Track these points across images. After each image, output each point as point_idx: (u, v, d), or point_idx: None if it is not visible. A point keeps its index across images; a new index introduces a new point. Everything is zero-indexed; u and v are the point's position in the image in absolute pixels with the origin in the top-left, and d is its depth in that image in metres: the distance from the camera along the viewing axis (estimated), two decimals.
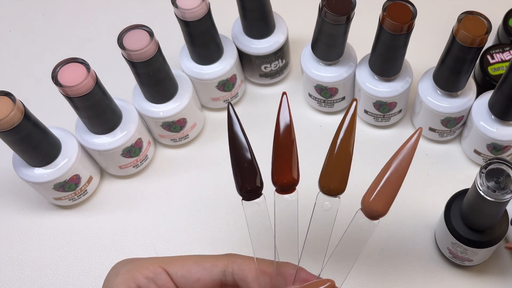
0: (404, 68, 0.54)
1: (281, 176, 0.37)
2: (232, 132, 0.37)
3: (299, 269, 0.38)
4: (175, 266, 0.37)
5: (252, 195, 0.37)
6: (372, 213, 0.36)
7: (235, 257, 0.39)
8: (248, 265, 0.38)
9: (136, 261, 0.38)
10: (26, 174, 0.51)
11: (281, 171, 0.37)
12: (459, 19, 0.46)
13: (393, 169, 0.36)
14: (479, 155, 0.54)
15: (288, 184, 0.37)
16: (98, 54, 0.66)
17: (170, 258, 0.38)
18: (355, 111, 0.37)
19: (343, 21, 0.49)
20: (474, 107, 0.53)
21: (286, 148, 0.37)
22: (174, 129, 0.57)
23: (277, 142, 0.37)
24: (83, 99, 0.47)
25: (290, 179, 0.37)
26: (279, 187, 0.37)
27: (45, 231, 0.56)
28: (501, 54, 0.56)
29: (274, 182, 0.37)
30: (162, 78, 0.52)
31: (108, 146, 0.53)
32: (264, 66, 0.59)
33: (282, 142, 0.37)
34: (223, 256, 0.39)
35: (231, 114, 0.37)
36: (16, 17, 0.72)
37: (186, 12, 0.50)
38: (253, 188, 0.37)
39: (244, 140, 0.37)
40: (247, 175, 0.37)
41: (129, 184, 0.58)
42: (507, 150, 0.53)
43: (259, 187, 0.37)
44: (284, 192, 0.38)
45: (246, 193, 0.37)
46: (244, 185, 0.37)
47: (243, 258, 0.39)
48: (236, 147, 0.37)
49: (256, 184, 0.37)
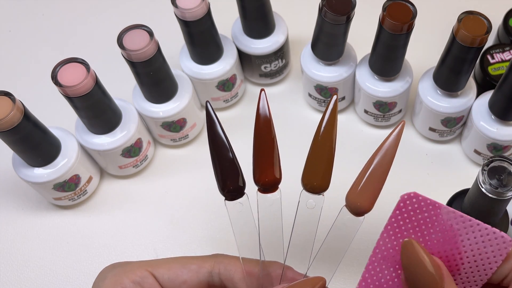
0: (404, 68, 0.54)
1: (263, 175, 0.37)
2: (212, 131, 0.36)
3: (285, 268, 0.38)
4: (161, 269, 0.37)
5: (235, 194, 0.37)
6: (357, 209, 0.35)
7: (222, 258, 0.38)
8: (234, 266, 0.38)
9: (123, 266, 0.37)
10: (25, 174, 0.51)
11: (262, 170, 0.37)
12: (459, 19, 0.46)
13: (376, 163, 0.35)
14: (479, 155, 0.54)
15: (270, 183, 0.37)
16: (98, 54, 0.66)
17: (157, 261, 0.38)
18: (335, 105, 0.36)
19: (343, 21, 0.49)
20: (474, 107, 0.53)
21: (267, 147, 0.36)
22: (174, 129, 0.57)
23: (257, 141, 0.36)
24: (83, 99, 0.47)
25: (272, 178, 0.37)
26: (261, 186, 0.37)
27: (45, 231, 0.56)
28: (501, 54, 0.56)
29: (256, 181, 0.37)
30: (162, 78, 0.52)
31: (108, 146, 0.53)
32: (264, 66, 0.59)
33: (262, 140, 0.36)
34: (209, 257, 0.39)
35: (210, 113, 0.36)
36: (16, 17, 0.72)
37: (186, 12, 0.50)
38: (235, 187, 0.37)
39: (224, 139, 0.36)
40: (229, 174, 0.36)
41: (129, 184, 0.58)
42: (507, 150, 0.53)
43: (242, 186, 0.37)
44: (266, 192, 0.37)
45: (228, 193, 0.37)
46: (226, 184, 0.36)
47: (230, 258, 0.39)
48: (216, 147, 0.36)
49: (238, 184, 0.37)
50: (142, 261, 0.38)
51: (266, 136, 0.36)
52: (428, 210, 0.33)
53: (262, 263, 0.38)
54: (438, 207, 0.33)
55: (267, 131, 0.36)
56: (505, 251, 0.33)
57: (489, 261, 0.33)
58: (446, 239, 0.34)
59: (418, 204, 0.33)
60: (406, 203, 0.34)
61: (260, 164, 0.37)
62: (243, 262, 0.38)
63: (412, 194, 0.33)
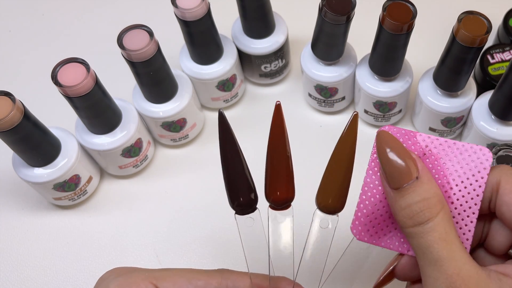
0: (404, 68, 0.54)
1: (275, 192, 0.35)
2: (224, 143, 0.34)
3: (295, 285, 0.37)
4: (166, 283, 0.36)
5: (246, 209, 0.35)
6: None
7: (229, 273, 0.37)
8: (242, 281, 0.37)
9: (126, 275, 0.36)
10: (25, 174, 0.51)
11: (275, 187, 0.35)
12: (459, 19, 0.46)
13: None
14: None
15: (283, 201, 0.35)
16: (98, 54, 0.66)
17: (162, 273, 0.37)
18: (356, 122, 0.35)
19: (343, 21, 0.49)
20: (474, 107, 0.53)
21: (281, 164, 0.34)
22: (174, 129, 0.57)
23: (271, 157, 0.35)
24: (83, 99, 0.47)
25: (285, 195, 0.35)
26: (273, 203, 0.35)
27: (45, 231, 0.56)
28: (501, 54, 0.56)
29: (268, 198, 0.35)
30: (162, 78, 0.52)
31: (108, 146, 0.53)
32: (264, 66, 0.59)
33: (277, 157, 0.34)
34: (216, 273, 0.37)
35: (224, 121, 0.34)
36: (16, 17, 0.72)
37: (186, 12, 0.50)
38: (247, 202, 0.35)
39: (238, 151, 0.34)
40: (240, 188, 0.35)
41: (129, 184, 0.58)
42: None
43: (254, 200, 0.35)
44: (278, 209, 0.35)
45: (238, 207, 0.35)
46: (237, 198, 0.35)
47: (237, 274, 0.37)
48: (228, 159, 0.34)
49: (250, 198, 0.35)
50: (146, 271, 0.37)
51: (281, 153, 0.35)
52: (405, 140, 0.33)
53: (271, 278, 0.37)
54: (413, 135, 0.33)
55: (282, 147, 0.35)
56: (487, 163, 0.32)
57: (476, 178, 0.32)
58: (430, 166, 0.33)
59: (394, 136, 0.33)
60: None
61: (273, 181, 0.35)
62: (251, 277, 0.37)
63: (387, 127, 0.33)
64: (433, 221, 0.30)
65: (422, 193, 0.31)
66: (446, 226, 0.30)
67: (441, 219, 0.30)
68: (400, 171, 0.31)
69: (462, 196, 0.33)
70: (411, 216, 0.31)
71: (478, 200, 0.32)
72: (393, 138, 0.32)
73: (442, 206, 0.31)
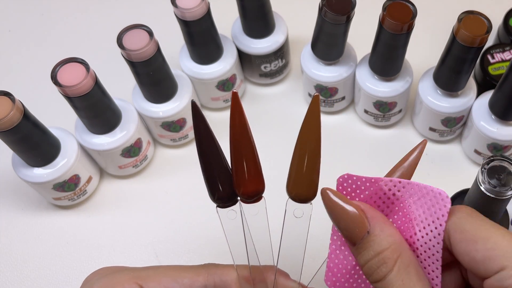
0: (404, 68, 0.54)
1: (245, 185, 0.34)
2: (200, 135, 0.33)
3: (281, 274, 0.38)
4: (151, 282, 0.35)
5: (226, 202, 0.35)
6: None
7: (215, 268, 0.37)
8: (229, 275, 0.37)
9: (110, 275, 0.36)
10: (25, 174, 0.51)
11: (243, 180, 0.34)
12: (459, 18, 0.46)
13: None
14: (480, 155, 0.54)
15: (253, 193, 0.34)
16: (98, 54, 0.66)
17: (147, 272, 0.36)
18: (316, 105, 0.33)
19: (343, 21, 0.49)
20: (474, 107, 0.53)
21: (245, 154, 0.33)
22: (174, 129, 0.57)
23: (234, 149, 0.33)
24: (82, 99, 0.47)
25: (254, 188, 0.34)
26: (243, 196, 0.35)
27: (44, 231, 0.56)
28: (501, 54, 0.56)
29: (238, 192, 0.34)
30: (162, 78, 0.52)
31: (108, 146, 0.53)
32: (264, 65, 0.59)
33: (240, 148, 0.33)
34: (201, 269, 0.37)
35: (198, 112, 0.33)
36: (16, 17, 0.72)
37: (186, 12, 0.50)
38: (226, 194, 0.34)
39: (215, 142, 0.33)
40: (220, 181, 0.34)
41: (129, 184, 0.58)
42: (507, 150, 0.53)
43: (234, 192, 0.34)
44: (250, 202, 0.35)
45: (219, 200, 0.35)
46: (217, 191, 0.34)
47: (223, 268, 0.37)
48: (204, 151, 0.33)
49: (230, 191, 0.34)
50: (131, 270, 0.36)
51: (244, 142, 0.33)
52: (367, 188, 0.32)
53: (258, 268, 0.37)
54: (375, 182, 0.32)
55: (245, 136, 0.33)
56: (445, 210, 0.31)
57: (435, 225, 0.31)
58: (394, 210, 0.33)
59: (355, 184, 0.33)
60: (344, 185, 0.33)
61: (239, 173, 0.34)
62: (237, 269, 0.37)
63: (346, 176, 0.32)
64: (389, 275, 0.30)
65: (376, 248, 0.30)
66: (404, 277, 0.30)
67: (397, 271, 0.30)
68: (350, 229, 0.31)
69: (424, 243, 0.32)
70: (370, 274, 0.31)
71: (439, 248, 0.31)
72: (333, 197, 0.31)
73: (399, 254, 0.30)
